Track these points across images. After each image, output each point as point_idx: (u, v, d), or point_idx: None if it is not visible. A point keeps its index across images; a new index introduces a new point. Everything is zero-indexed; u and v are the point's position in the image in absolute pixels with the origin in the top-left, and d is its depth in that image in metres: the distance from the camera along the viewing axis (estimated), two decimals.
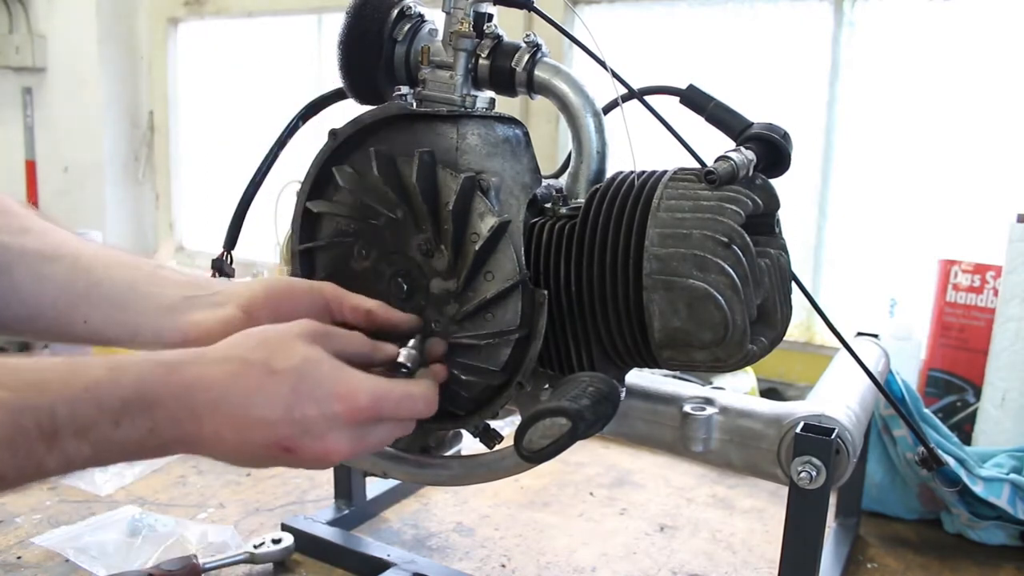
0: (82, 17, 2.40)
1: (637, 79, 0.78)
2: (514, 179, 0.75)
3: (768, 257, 0.70)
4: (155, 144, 2.50)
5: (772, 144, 0.71)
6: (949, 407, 1.31)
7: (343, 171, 0.77)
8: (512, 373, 0.75)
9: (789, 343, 1.54)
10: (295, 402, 0.57)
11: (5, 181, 2.67)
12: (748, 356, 0.68)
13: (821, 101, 1.53)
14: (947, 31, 1.42)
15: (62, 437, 0.50)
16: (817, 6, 1.51)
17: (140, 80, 2.48)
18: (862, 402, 0.82)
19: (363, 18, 0.79)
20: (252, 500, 1.11)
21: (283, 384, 0.57)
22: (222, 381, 0.56)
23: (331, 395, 0.58)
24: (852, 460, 0.72)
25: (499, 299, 0.73)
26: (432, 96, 0.77)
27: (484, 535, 1.04)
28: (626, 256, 0.69)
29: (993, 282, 1.28)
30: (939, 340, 1.32)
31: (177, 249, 2.51)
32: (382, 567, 0.91)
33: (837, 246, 1.57)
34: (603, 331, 0.71)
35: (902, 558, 1.02)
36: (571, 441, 0.62)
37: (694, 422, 0.76)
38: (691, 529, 1.07)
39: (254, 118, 2.30)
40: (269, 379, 0.57)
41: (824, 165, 1.54)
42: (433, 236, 0.74)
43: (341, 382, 0.59)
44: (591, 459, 1.28)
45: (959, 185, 1.44)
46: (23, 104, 2.60)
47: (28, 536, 0.98)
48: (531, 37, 0.77)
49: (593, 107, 0.76)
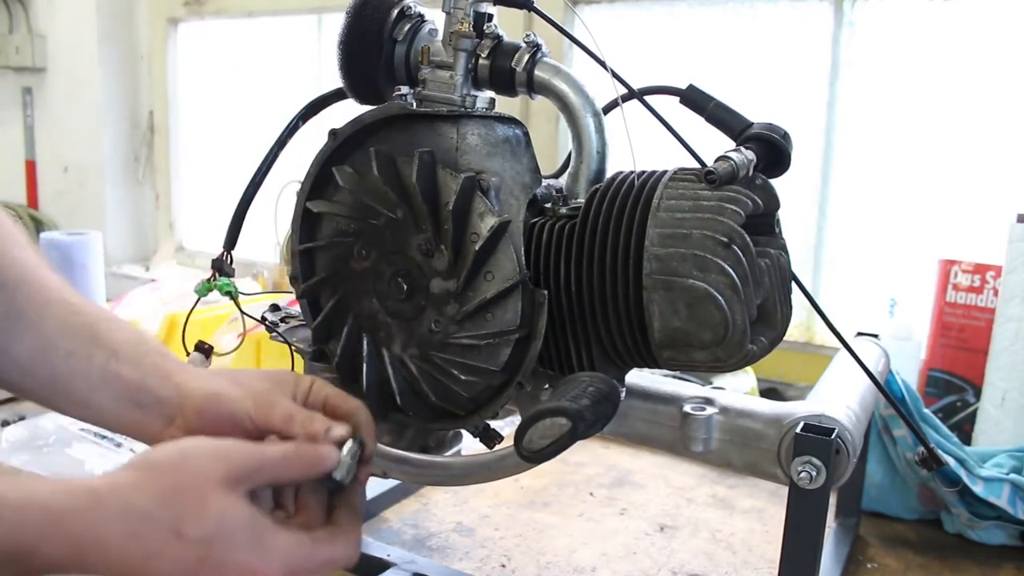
0: (82, 17, 2.40)
1: (637, 79, 0.78)
2: (514, 179, 0.75)
3: (768, 257, 0.70)
4: (155, 144, 2.50)
5: (772, 144, 0.71)
6: (949, 407, 1.31)
7: (343, 171, 0.77)
8: (512, 373, 0.75)
9: (789, 343, 1.54)
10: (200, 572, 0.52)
11: (5, 181, 2.68)
12: (748, 356, 0.68)
13: (821, 101, 1.53)
14: (947, 31, 1.42)
15: None
16: (817, 6, 1.51)
17: (140, 80, 2.48)
18: (862, 402, 0.82)
19: (363, 18, 0.79)
20: None
21: (189, 553, 0.52)
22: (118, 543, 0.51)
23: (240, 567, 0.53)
24: (852, 460, 0.72)
25: (499, 299, 0.73)
26: (432, 96, 0.77)
27: (484, 535, 1.04)
28: (626, 256, 0.69)
29: (993, 282, 1.28)
30: (939, 340, 1.32)
31: (177, 249, 2.51)
32: (382, 567, 0.91)
33: (837, 246, 1.57)
34: (603, 331, 0.71)
35: (902, 558, 1.02)
36: (571, 441, 0.62)
37: (694, 422, 0.76)
38: (691, 529, 1.07)
39: (254, 118, 2.30)
40: (174, 545, 0.52)
41: (824, 165, 1.54)
42: (433, 236, 0.74)
43: (255, 555, 0.54)
44: (591, 459, 1.28)
45: (959, 185, 1.45)
46: (23, 104, 2.60)
47: None
48: (531, 37, 0.77)
49: (593, 107, 0.76)
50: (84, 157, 2.50)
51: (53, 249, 1.57)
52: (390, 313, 0.77)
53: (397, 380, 0.78)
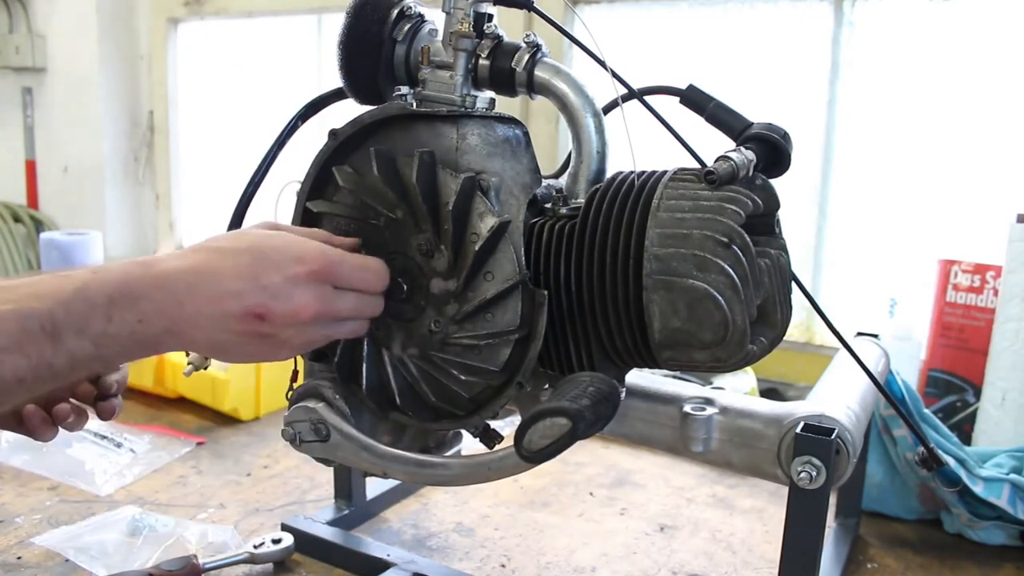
0: (82, 17, 2.39)
1: (637, 79, 0.78)
2: (514, 179, 0.75)
3: (768, 257, 0.70)
4: (155, 144, 2.49)
5: (772, 144, 0.71)
6: (949, 407, 1.31)
7: (343, 171, 0.77)
8: (512, 373, 0.75)
9: (789, 343, 1.54)
10: (259, 270, 0.64)
11: (5, 181, 2.67)
12: (748, 356, 0.68)
13: (821, 101, 1.52)
14: (947, 31, 1.42)
15: (64, 336, 0.56)
16: (817, 6, 1.51)
17: (140, 80, 2.48)
18: (862, 402, 0.82)
19: (363, 18, 0.79)
20: (252, 500, 1.11)
21: (246, 256, 0.64)
22: (194, 267, 0.63)
23: (290, 259, 0.65)
24: (852, 460, 0.72)
25: (499, 299, 0.73)
26: (432, 96, 0.77)
27: (484, 535, 1.04)
28: (626, 256, 0.69)
29: (993, 282, 1.28)
30: (939, 340, 1.32)
31: (177, 249, 2.51)
32: (382, 567, 0.91)
33: (837, 246, 1.57)
34: (603, 331, 0.71)
35: (902, 558, 1.02)
36: (571, 441, 0.62)
37: (694, 422, 0.76)
38: (691, 529, 1.07)
39: (254, 118, 2.30)
40: (233, 257, 0.64)
41: (824, 165, 1.54)
42: (433, 236, 0.74)
43: (297, 245, 0.67)
44: (591, 459, 1.28)
45: (959, 185, 1.44)
46: (23, 104, 2.60)
47: (28, 536, 0.98)
48: (531, 37, 0.77)
49: (593, 107, 0.76)
50: (84, 157, 2.50)
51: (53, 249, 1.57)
52: (390, 313, 0.77)
53: (397, 380, 0.78)
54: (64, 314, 0.56)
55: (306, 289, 0.65)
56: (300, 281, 0.65)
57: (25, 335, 0.55)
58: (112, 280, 0.59)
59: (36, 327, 0.55)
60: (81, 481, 1.12)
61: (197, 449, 1.26)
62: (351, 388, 0.80)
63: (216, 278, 0.62)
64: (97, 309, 0.58)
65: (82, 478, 1.13)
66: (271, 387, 1.39)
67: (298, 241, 0.68)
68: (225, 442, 1.30)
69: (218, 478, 1.17)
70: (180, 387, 1.42)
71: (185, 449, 1.25)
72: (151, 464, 1.19)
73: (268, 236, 0.67)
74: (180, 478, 1.17)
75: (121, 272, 0.60)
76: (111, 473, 1.15)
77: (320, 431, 0.79)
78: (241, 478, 1.17)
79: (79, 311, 0.57)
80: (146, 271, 0.61)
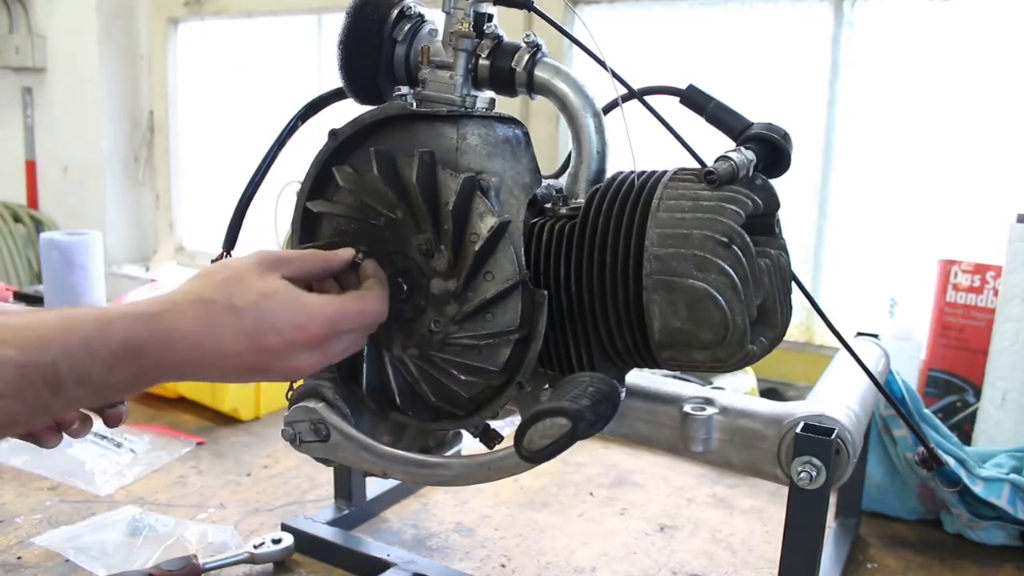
0: (82, 17, 2.39)
1: (637, 79, 0.78)
2: (514, 179, 0.75)
3: (768, 257, 0.70)
4: (155, 144, 2.49)
5: (772, 144, 0.71)
6: (949, 407, 1.31)
7: (343, 171, 0.77)
8: (512, 373, 0.75)
9: (789, 343, 1.54)
10: (258, 334, 0.64)
11: (5, 181, 2.67)
12: (748, 356, 0.68)
13: (821, 101, 1.52)
14: (947, 31, 1.42)
15: (65, 386, 0.57)
16: (817, 6, 1.51)
17: (140, 80, 2.48)
18: (862, 402, 0.82)
19: (363, 18, 0.79)
20: (252, 500, 1.11)
21: (245, 320, 0.64)
22: (195, 327, 0.63)
23: (289, 326, 0.66)
24: (852, 460, 0.72)
25: (499, 299, 0.73)
26: (432, 96, 0.77)
27: (484, 535, 1.04)
28: (626, 256, 0.69)
29: (993, 282, 1.28)
30: (939, 340, 1.32)
31: (177, 249, 2.51)
32: (382, 567, 0.91)
33: (837, 246, 1.57)
34: (603, 331, 0.71)
35: (902, 558, 1.02)
36: (571, 441, 0.62)
37: (694, 422, 0.76)
38: (691, 529, 1.07)
39: (254, 118, 2.30)
40: (233, 317, 0.64)
41: (824, 165, 1.54)
42: (433, 236, 0.74)
43: (298, 311, 0.67)
44: (591, 459, 1.28)
45: (959, 185, 1.44)
46: (23, 104, 2.60)
47: (28, 536, 0.98)
48: (531, 37, 0.77)
49: (593, 107, 0.76)
50: (84, 157, 2.50)
51: (53, 249, 1.56)
52: (389, 313, 0.77)
53: (397, 380, 0.78)
54: (67, 366, 0.57)
55: (303, 353, 0.67)
56: (298, 346, 0.66)
57: (25, 383, 0.55)
58: (116, 337, 0.59)
59: (37, 376, 0.56)
60: (81, 481, 1.12)
61: (197, 449, 1.26)
62: (351, 388, 0.80)
63: (217, 340, 0.63)
64: (99, 363, 0.58)
65: (82, 478, 1.13)
66: (271, 387, 1.39)
67: (298, 306, 0.67)
68: (225, 442, 1.30)
69: (218, 478, 1.17)
70: (180, 387, 1.42)
71: (185, 449, 1.25)
72: (151, 464, 1.19)
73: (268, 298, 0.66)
74: (180, 478, 1.17)
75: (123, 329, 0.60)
76: (111, 473, 1.15)
77: (320, 431, 0.79)
78: (241, 478, 1.17)
79: (82, 365, 0.58)
80: (151, 329, 0.61)
